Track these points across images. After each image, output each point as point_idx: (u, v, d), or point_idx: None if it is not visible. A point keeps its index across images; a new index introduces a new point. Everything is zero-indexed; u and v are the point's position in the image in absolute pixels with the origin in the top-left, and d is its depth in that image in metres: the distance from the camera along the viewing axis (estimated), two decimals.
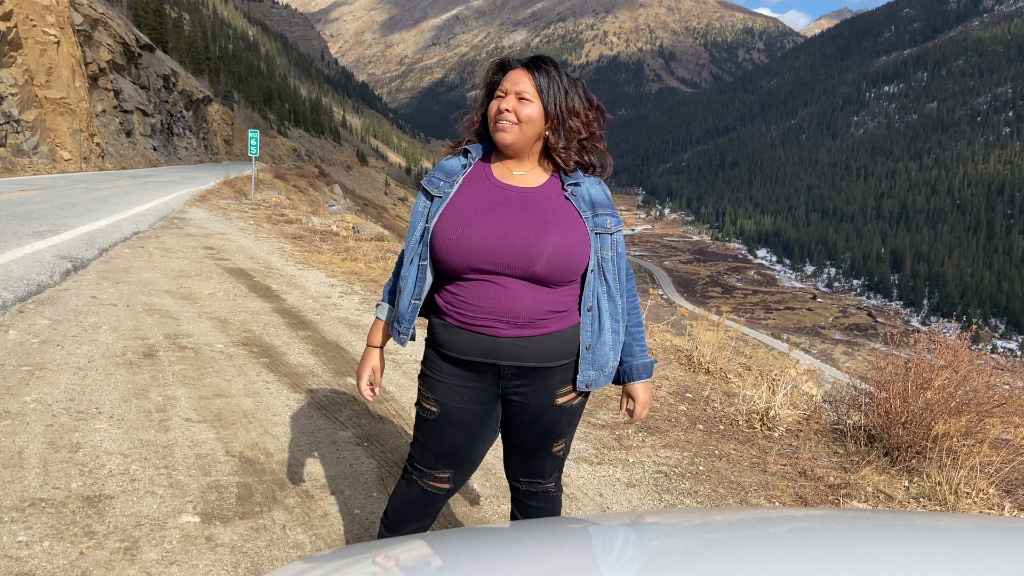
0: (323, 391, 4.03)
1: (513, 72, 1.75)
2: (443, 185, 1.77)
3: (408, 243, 1.82)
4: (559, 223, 1.69)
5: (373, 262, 9.16)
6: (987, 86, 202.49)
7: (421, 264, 1.77)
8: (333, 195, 34.55)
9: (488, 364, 1.74)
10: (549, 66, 1.74)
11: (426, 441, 1.85)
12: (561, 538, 1.12)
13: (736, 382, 5.01)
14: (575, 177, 1.77)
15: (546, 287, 1.69)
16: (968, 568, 0.92)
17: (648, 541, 1.09)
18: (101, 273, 6.71)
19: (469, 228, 1.67)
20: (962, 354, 3.82)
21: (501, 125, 1.71)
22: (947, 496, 3.30)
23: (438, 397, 1.80)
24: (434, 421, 1.82)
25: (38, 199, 12.23)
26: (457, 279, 1.72)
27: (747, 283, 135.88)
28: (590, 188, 1.78)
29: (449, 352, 1.76)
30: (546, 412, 1.81)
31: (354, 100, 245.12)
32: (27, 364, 3.89)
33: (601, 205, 1.78)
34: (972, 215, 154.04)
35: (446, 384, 1.79)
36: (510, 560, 1.01)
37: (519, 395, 1.79)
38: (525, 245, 1.65)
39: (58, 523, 2.37)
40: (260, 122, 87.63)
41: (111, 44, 36.30)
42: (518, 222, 1.67)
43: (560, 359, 1.75)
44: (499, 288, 1.67)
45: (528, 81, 1.72)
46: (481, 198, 1.72)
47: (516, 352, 1.71)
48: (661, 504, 3.13)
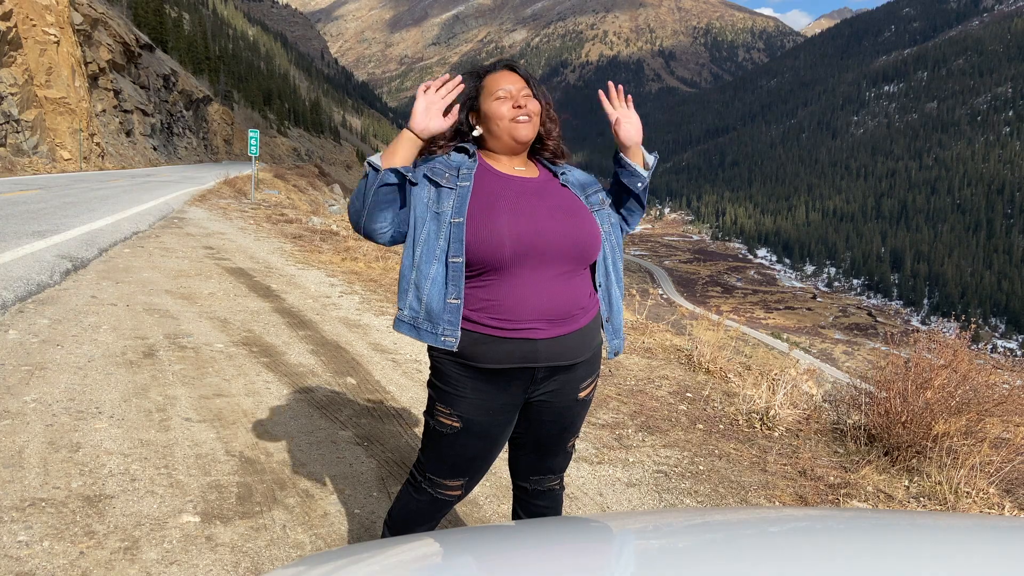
0: (323, 391, 4.03)
1: (498, 75, 1.79)
2: (451, 177, 1.71)
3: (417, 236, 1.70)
4: (576, 208, 1.77)
5: (373, 262, 9.16)
6: (987, 86, 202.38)
7: (453, 261, 1.65)
8: (333, 195, 34.53)
9: (522, 369, 1.70)
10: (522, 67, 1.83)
11: (442, 455, 1.79)
12: (562, 538, 1.12)
13: (736, 382, 5.01)
14: (561, 167, 1.87)
15: (574, 275, 1.72)
16: (968, 568, 0.92)
17: (647, 541, 1.09)
18: (101, 273, 6.71)
19: (502, 219, 1.65)
20: (962, 353, 3.82)
21: (521, 119, 1.75)
22: (947, 496, 3.30)
23: (460, 412, 1.73)
24: (454, 436, 1.75)
25: (38, 199, 12.23)
26: (489, 281, 1.66)
27: (747, 283, 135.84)
28: (572, 174, 1.88)
29: (480, 364, 1.68)
30: (569, 407, 1.83)
31: (354, 100, 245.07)
32: (27, 364, 3.89)
33: (588, 185, 1.88)
34: (972, 215, 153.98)
35: (470, 400, 1.72)
36: (510, 560, 1.01)
37: (546, 395, 1.78)
38: (565, 230, 1.70)
39: (58, 523, 2.37)
40: (260, 122, 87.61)
41: (111, 44, 36.29)
42: (550, 208, 1.71)
43: (589, 352, 1.79)
44: (537, 283, 1.66)
45: (520, 81, 1.79)
46: (502, 190, 1.72)
47: (552, 352, 1.69)
48: (661, 504, 3.13)
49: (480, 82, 1.81)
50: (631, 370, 5.11)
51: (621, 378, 4.89)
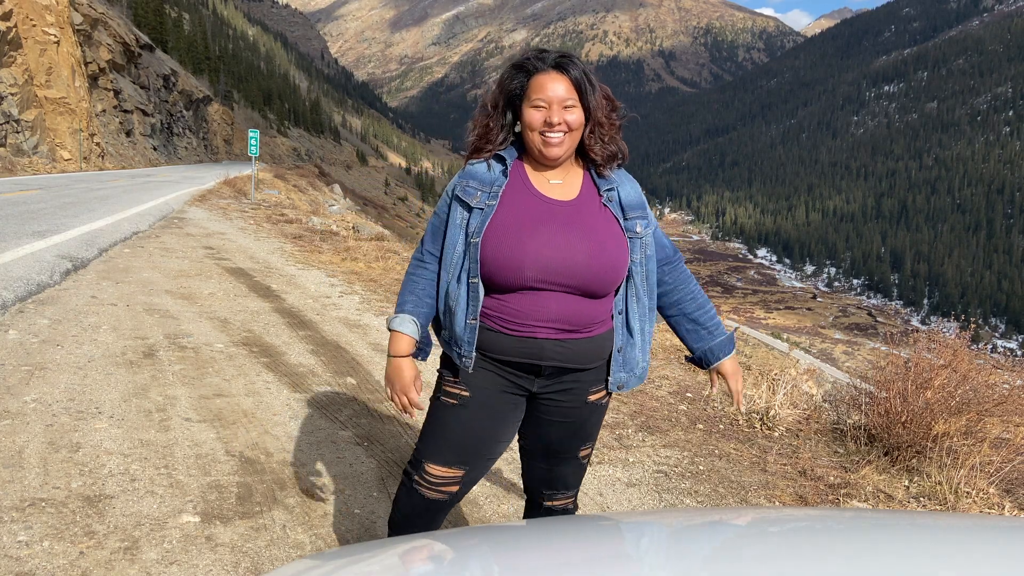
0: (323, 391, 4.03)
1: (544, 77, 1.63)
2: (482, 195, 1.67)
3: (448, 259, 1.72)
4: (604, 238, 1.66)
5: (373, 262, 9.16)
6: (987, 86, 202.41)
7: (472, 282, 1.67)
8: (333, 195, 34.52)
9: (528, 364, 1.70)
10: (577, 63, 1.65)
11: (446, 433, 1.75)
12: (562, 537, 1.12)
13: None
14: (610, 181, 1.74)
15: (593, 299, 1.68)
16: (968, 568, 0.92)
17: (648, 541, 1.09)
18: (101, 273, 6.71)
19: (522, 246, 1.61)
20: (962, 353, 3.82)
21: (551, 139, 1.63)
22: (947, 496, 3.30)
23: (468, 381, 1.73)
24: (460, 407, 1.74)
25: (38, 199, 12.23)
26: (504, 297, 1.67)
27: (747, 282, 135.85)
28: (621, 189, 1.75)
29: (487, 352, 1.71)
30: (578, 409, 1.79)
31: (354, 100, 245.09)
32: (27, 364, 3.89)
33: (631, 208, 1.74)
34: (972, 215, 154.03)
35: (480, 374, 1.73)
36: (511, 560, 1.01)
37: (554, 392, 1.76)
38: (580, 264, 1.62)
39: (58, 523, 2.37)
40: (260, 122, 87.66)
41: (111, 44, 36.30)
42: (571, 240, 1.63)
43: (598, 360, 1.75)
44: (549, 299, 1.64)
45: (566, 85, 1.63)
46: (528, 213, 1.65)
47: (558, 354, 1.68)
48: (661, 504, 3.13)
49: (527, 80, 1.66)
50: None
51: None
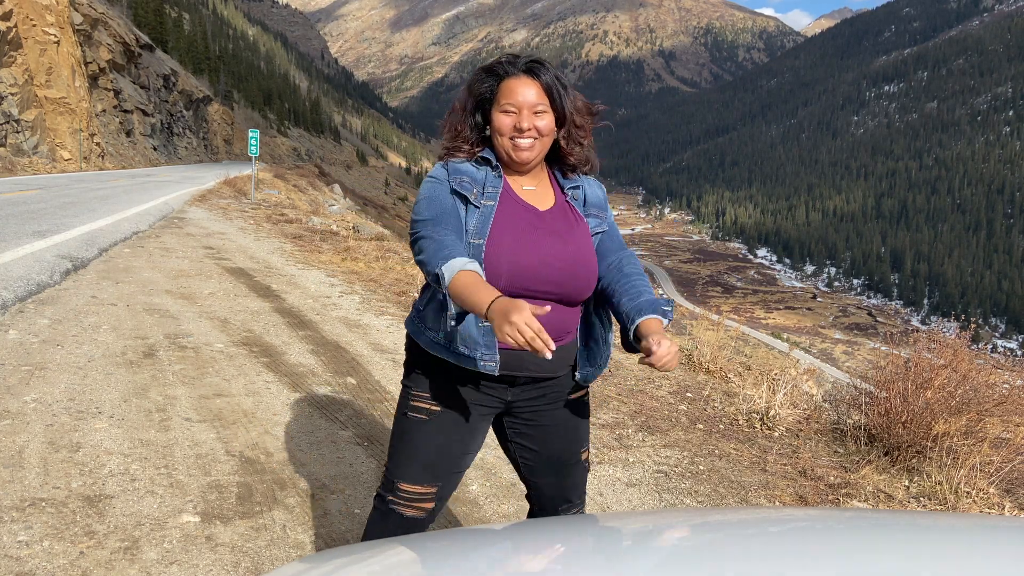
0: (323, 391, 4.03)
1: (514, 81, 1.63)
2: (477, 194, 1.64)
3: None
4: (582, 246, 1.67)
5: (373, 262, 9.16)
6: (987, 86, 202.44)
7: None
8: (333, 195, 34.51)
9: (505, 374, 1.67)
10: (549, 68, 1.65)
11: (416, 450, 1.71)
12: (562, 538, 1.12)
13: (736, 382, 5.01)
14: (574, 180, 1.74)
15: (571, 307, 1.68)
16: (968, 568, 0.92)
17: (647, 541, 1.09)
18: (101, 273, 6.71)
19: (519, 255, 1.60)
20: (962, 353, 3.82)
21: (522, 144, 1.62)
22: (947, 496, 3.30)
23: (439, 396, 1.70)
24: (429, 422, 1.70)
25: (38, 199, 12.23)
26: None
27: (747, 282, 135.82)
28: (587, 189, 1.76)
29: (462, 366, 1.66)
30: (564, 406, 1.78)
31: (354, 100, 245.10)
32: (27, 364, 3.89)
33: (592, 205, 1.75)
34: (972, 215, 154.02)
35: (451, 386, 1.70)
36: (511, 560, 1.01)
37: (530, 400, 1.75)
38: (568, 272, 1.62)
39: (58, 523, 2.37)
40: (260, 122, 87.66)
41: (111, 44, 36.30)
42: (556, 249, 1.63)
43: (566, 368, 1.75)
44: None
45: (536, 90, 1.62)
46: (518, 220, 1.64)
47: (536, 365, 1.66)
48: (661, 504, 3.13)
49: (497, 84, 1.65)
50: (631, 370, 5.11)
51: (621, 378, 4.89)
